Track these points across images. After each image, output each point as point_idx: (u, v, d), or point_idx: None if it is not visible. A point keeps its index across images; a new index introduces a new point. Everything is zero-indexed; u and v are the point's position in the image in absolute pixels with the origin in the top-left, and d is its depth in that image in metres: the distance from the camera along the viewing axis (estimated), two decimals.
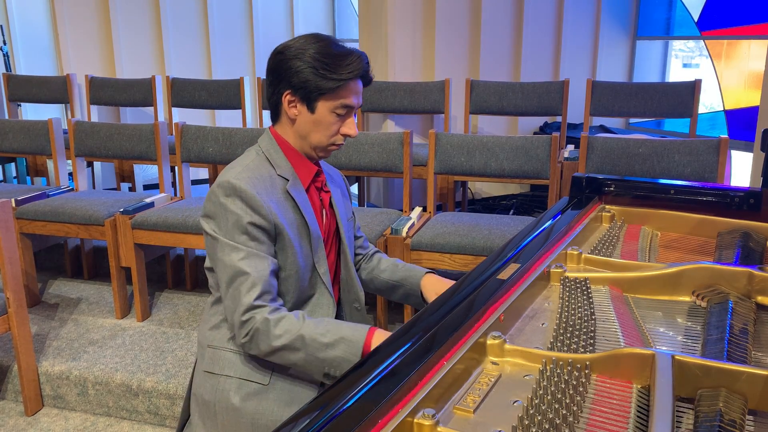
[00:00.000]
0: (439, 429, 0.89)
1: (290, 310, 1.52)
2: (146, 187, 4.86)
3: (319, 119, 1.47)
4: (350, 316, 1.68)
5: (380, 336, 1.36)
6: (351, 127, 1.50)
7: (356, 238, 1.78)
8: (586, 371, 1.02)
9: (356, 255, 1.79)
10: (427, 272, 1.68)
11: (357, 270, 1.78)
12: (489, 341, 1.10)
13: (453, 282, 1.47)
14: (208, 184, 5.13)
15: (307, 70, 1.42)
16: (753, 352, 1.09)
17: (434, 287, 1.64)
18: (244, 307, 1.38)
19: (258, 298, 1.38)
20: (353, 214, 1.76)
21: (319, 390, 1.48)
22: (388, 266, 1.75)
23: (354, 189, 4.67)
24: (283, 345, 1.36)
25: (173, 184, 3.95)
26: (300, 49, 1.43)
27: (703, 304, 1.28)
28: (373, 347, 1.32)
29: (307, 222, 1.51)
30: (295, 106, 1.47)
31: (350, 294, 1.66)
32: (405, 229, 2.71)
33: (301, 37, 1.47)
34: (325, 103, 1.45)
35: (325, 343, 1.35)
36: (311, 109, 1.46)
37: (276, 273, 1.46)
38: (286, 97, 1.46)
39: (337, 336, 1.36)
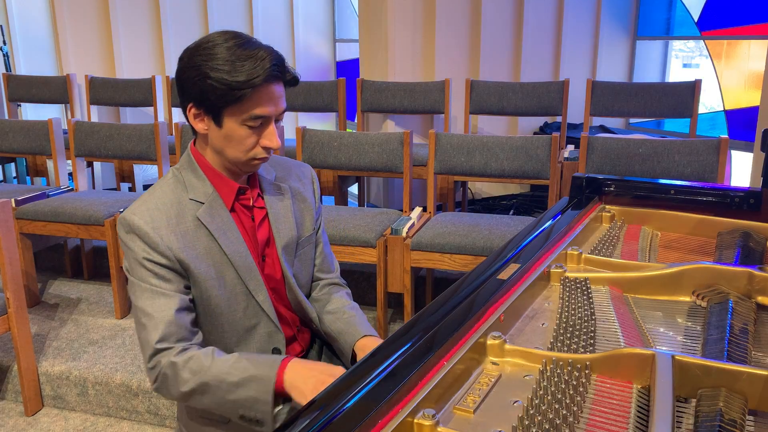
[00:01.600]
0: (439, 429, 0.89)
1: (230, 348, 1.43)
2: (146, 187, 4.85)
3: (228, 134, 1.29)
4: (318, 333, 1.56)
5: (294, 370, 1.24)
6: (271, 138, 1.31)
7: (317, 247, 1.58)
8: (586, 371, 1.02)
9: (314, 275, 1.59)
10: (367, 335, 1.45)
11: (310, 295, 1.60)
12: (489, 341, 1.10)
13: None
14: None
15: (202, 81, 1.25)
16: (753, 352, 1.09)
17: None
18: (149, 350, 1.28)
19: (162, 340, 1.27)
20: (318, 222, 1.57)
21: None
22: (334, 309, 1.53)
23: (354, 189, 4.67)
24: (191, 389, 1.26)
25: None
26: (197, 56, 1.26)
27: (704, 304, 1.28)
28: (287, 382, 1.23)
29: (223, 250, 1.36)
30: (202, 120, 1.31)
31: (305, 316, 1.52)
32: (405, 229, 2.71)
33: (204, 38, 1.29)
34: (232, 116, 1.27)
35: (233, 383, 1.24)
36: (218, 123, 1.29)
37: (188, 309, 1.34)
38: (191, 111, 1.31)
39: (246, 374, 1.24)
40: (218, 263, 1.37)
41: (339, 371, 1.24)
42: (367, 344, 1.44)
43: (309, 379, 1.22)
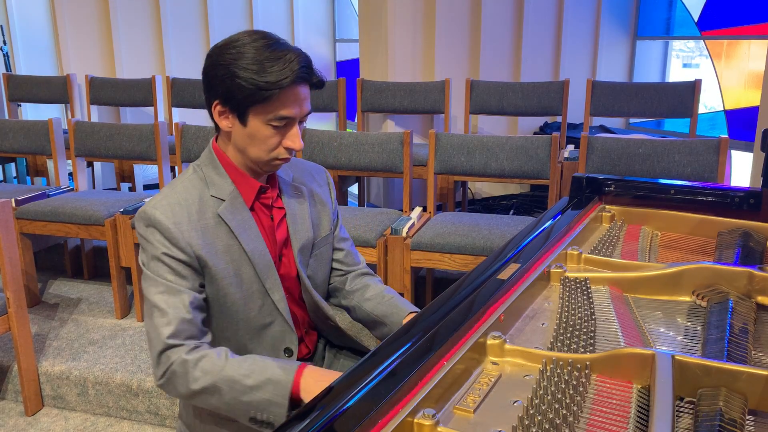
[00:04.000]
0: (439, 429, 0.89)
1: (243, 344, 1.43)
2: (146, 187, 4.86)
3: (253, 133, 1.31)
4: (329, 333, 1.57)
5: (311, 376, 1.24)
6: (294, 140, 1.33)
7: (337, 249, 1.60)
8: (586, 371, 1.02)
9: (335, 270, 1.61)
10: (411, 312, 1.50)
11: (337, 291, 1.62)
12: (489, 341, 1.10)
13: None
14: None
15: (231, 79, 1.26)
16: (753, 352, 1.09)
17: None
18: (160, 346, 1.27)
19: (173, 336, 1.26)
20: (338, 218, 1.59)
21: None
22: (374, 296, 1.54)
23: (354, 189, 4.67)
24: (202, 388, 1.24)
25: None
26: (226, 54, 1.28)
27: (704, 303, 1.28)
28: (302, 388, 1.23)
29: (243, 247, 1.36)
30: (227, 118, 1.32)
31: (318, 316, 1.53)
32: (405, 229, 2.71)
33: (233, 36, 1.31)
34: (257, 116, 1.29)
35: (249, 386, 1.23)
36: (242, 122, 1.30)
37: (201, 308, 1.34)
38: (216, 108, 1.32)
39: (263, 377, 1.23)
40: (237, 261, 1.37)
41: None
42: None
43: (323, 383, 1.19)
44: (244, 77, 1.26)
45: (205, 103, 1.36)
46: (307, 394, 1.22)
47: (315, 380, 1.23)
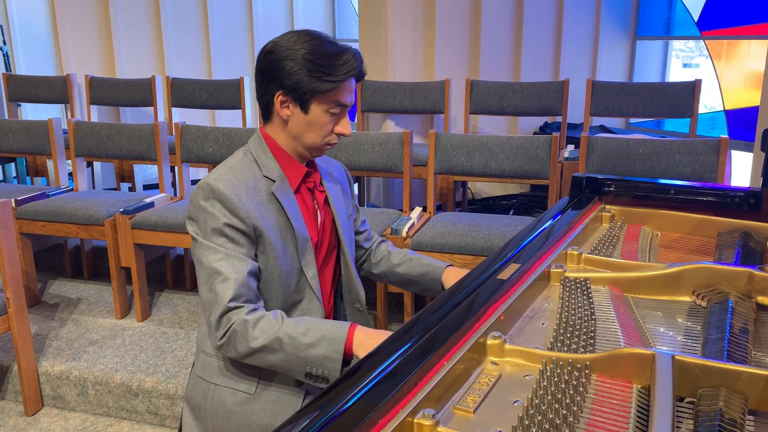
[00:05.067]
0: (439, 429, 0.89)
1: None
2: (146, 187, 4.86)
3: (312, 120, 1.44)
4: (353, 316, 1.66)
5: (363, 332, 1.33)
6: (345, 126, 1.48)
7: (359, 233, 1.75)
8: (586, 371, 1.02)
9: (360, 249, 1.77)
10: (448, 266, 1.66)
11: (365, 264, 1.77)
12: (489, 341, 1.10)
13: None
14: None
15: (300, 71, 1.39)
16: (753, 352, 1.09)
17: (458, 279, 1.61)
18: (221, 308, 1.35)
19: (234, 299, 1.35)
20: (356, 209, 1.73)
21: (304, 400, 1.46)
22: (402, 260, 1.72)
23: (354, 189, 4.67)
24: (262, 345, 1.33)
25: (173, 184, 3.95)
26: (291, 49, 1.40)
27: (704, 303, 1.28)
28: (355, 344, 1.32)
29: (292, 224, 1.47)
30: (288, 107, 1.44)
31: (351, 295, 1.64)
32: (405, 229, 2.71)
33: (291, 34, 1.43)
34: (319, 104, 1.43)
35: (305, 343, 1.32)
36: (305, 110, 1.43)
37: (256, 275, 1.43)
38: (278, 98, 1.43)
39: (318, 335, 1.32)
40: (284, 237, 1.47)
41: None
42: (451, 274, 1.63)
43: (375, 339, 1.29)
44: (313, 69, 1.38)
45: (261, 95, 1.46)
46: (360, 349, 1.31)
47: (367, 337, 1.32)
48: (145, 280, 3.09)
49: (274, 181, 1.48)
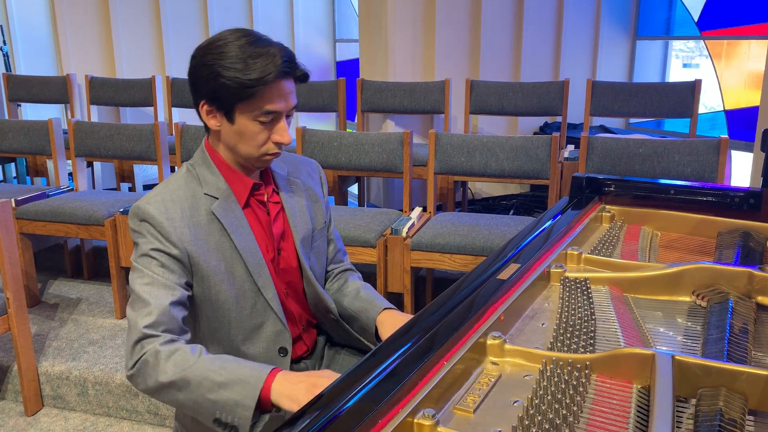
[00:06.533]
0: (439, 429, 0.89)
1: (236, 345, 1.42)
2: (146, 187, 4.86)
3: (241, 130, 1.32)
4: (330, 327, 1.57)
5: (285, 377, 1.19)
6: (282, 134, 1.34)
7: (330, 241, 1.63)
8: (586, 371, 1.02)
9: (328, 265, 1.64)
10: (387, 308, 1.51)
11: (326, 284, 1.64)
12: (489, 341, 1.10)
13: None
14: None
15: (215, 78, 1.28)
16: (753, 352, 1.09)
17: (393, 324, 1.45)
18: (135, 335, 1.25)
19: (151, 326, 1.24)
20: (328, 218, 1.60)
21: None
22: (350, 291, 1.58)
23: (354, 189, 4.67)
24: (170, 381, 1.21)
25: None
26: (209, 54, 1.29)
27: (704, 303, 1.28)
28: (274, 391, 1.18)
29: (236, 246, 1.37)
30: (215, 117, 1.34)
31: (319, 308, 1.54)
32: (405, 229, 2.71)
33: (216, 36, 1.32)
34: (243, 113, 1.30)
35: (217, 383, 1.19)
36: (230, 119, 1.32)
37: (183, 305, 1.32)
38: (203, 108, 1.34)
39: (233, 376, 1.19)
40: (228, 258, 1.38)
41: (329, 374, 1.21)
42: (386, 317, 1.48)
43: (300, 384, 1.17)
44: (229, 75, 1.27)
45: (193, 103, 1.37)
46: (282, 397, 1.17)
47: (288, 381, 1.18)
48: None
49: (217, 198, 1.38)
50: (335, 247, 1.65)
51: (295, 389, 1.17)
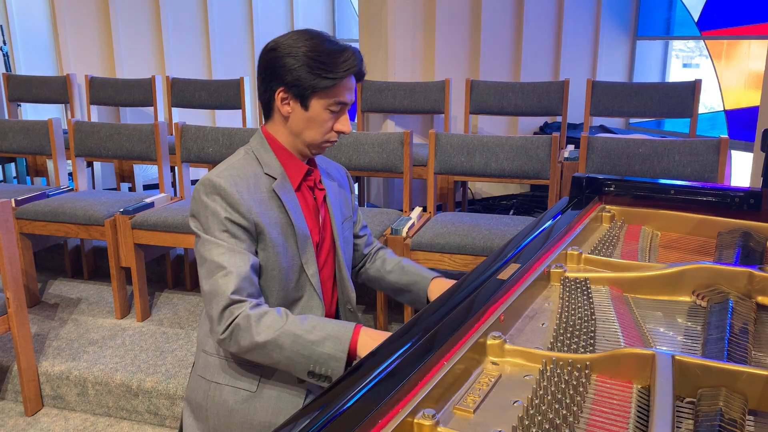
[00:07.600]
0: (439, 429, 0.89)
1: None
2: (146, 187, 4.86)
3: (313, 117, 1.46)
4: (345, 317, 1.66)
5: (367, 333, 1.34)
6: (345, 123, 1.49)
7: (358, 237, 1.75)
8: (586, 371, 1.02)
9: (359, 254, 1.77)
10: (435, 277, 1.65)
11: (362, 268, 1.77)
12: (489, 341, 1.10)
13: None
14: None
15: (300, 68, 1.41)
16: (753, 352, 1.09)
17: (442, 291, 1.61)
18: (223, 301, 1.34)
19: (237, 292, 1.35)
20: (357, 212, 1.74)
21: (306, 398, 1.46)
22: (394, 267, 1.72)
23: (355, 191, 4.67)
24: (265, 341, 1.32)
25: (173, 184, 3.95)
26: (293, 46, 1.42)
27: (704, 303, 1.28)
28: (359, 344, 1.32)
29: (292, 221, 1.49)
30: (288, 104, 1.46)
31: (344, 296, 1.64)
32: (405, 229, 2.71)
33: (293, 33, 1.46)
34: (320, 101, 1.44)
35: (310, 340, 1.32)
36: (305, 106, 1.45)
37: (257, 271, 1.44)
38: (279, 95, 1.45)
39: (323, 333, 1.33)
40: (285, 234, 1.49)
41: None
42: (435, 286, 1.62)
43: (379, 338, 1.28)
44: (314, 66, 1.41)
45: (262, 92, 1.49)
46: (364, 349, 1.31)
47: (371, 337, 1.32)
48: (145, 280, 3.09)
49: (275, 179, 1.49)
50: (367, 235, 1.79)
51: (375, 344, 1.27)
